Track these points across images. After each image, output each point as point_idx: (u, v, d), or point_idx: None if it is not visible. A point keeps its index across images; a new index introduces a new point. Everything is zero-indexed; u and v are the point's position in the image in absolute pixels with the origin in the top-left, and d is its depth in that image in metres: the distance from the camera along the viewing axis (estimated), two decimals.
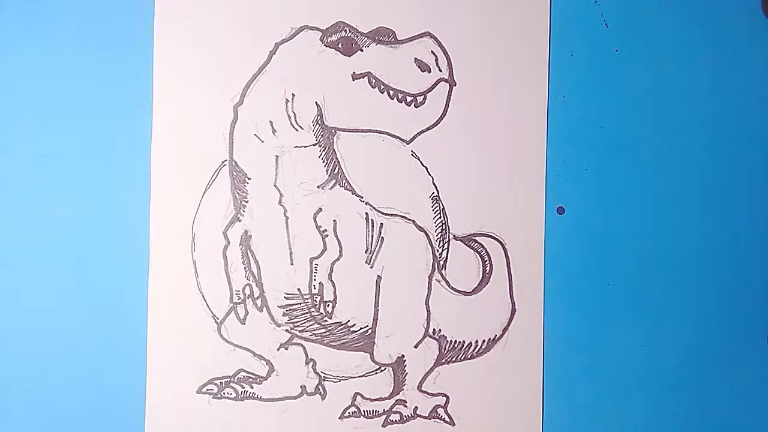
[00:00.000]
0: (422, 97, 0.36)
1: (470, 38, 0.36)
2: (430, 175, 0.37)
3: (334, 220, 0.36)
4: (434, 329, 0.37)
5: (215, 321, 0.36)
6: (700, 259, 0.37)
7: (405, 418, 0.37)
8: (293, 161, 0.36)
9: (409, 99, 0.36)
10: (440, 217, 0.37)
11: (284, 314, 0.37)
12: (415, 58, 0.36)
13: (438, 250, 0.37)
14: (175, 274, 0.36)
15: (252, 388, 0.37)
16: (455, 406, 0.37)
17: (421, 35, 0.36)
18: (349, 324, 0.37)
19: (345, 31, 0.36)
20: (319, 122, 0.36)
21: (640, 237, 0.37)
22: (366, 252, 0.36)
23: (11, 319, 0.36)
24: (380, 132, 0.36)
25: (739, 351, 0.37)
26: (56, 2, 0.36)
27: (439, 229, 0.37)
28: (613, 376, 0.37)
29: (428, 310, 0.37)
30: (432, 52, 0.36)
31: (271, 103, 0.36)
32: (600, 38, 0.36)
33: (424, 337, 0.37)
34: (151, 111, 0.36)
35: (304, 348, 0.37)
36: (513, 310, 0.37)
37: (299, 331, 0.37)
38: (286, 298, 0.36)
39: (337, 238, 0.36)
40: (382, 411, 0.37)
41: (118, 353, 0.36)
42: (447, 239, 0.37)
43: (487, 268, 0.37)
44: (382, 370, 0.37)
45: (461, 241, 0.37)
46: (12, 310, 0.36)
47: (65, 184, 0.36)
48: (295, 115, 0.36)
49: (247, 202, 0.36)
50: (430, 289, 0.37)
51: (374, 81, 0.36)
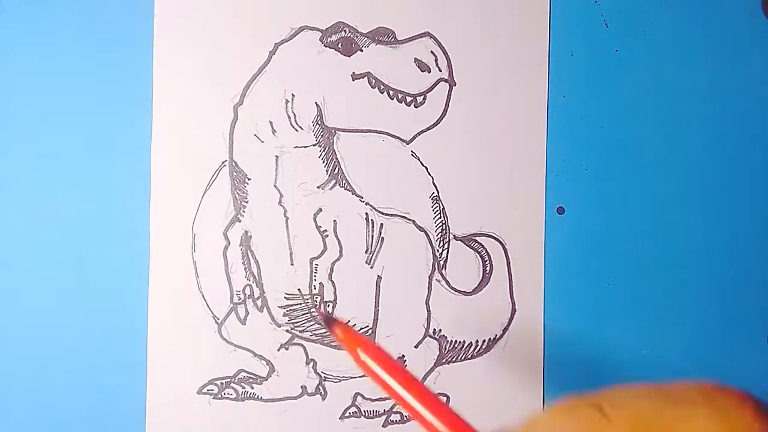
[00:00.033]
0: (422, 97, 0.36)
1: (470, 38, 0.36)
2: (430, 175, 0.37)
3: (334, 221, 0.36)
4: (434, 329, 0.37)
5: (215, 321, 0.36)
6: (700, 259, 0.37)
7: (406, 419, 0.37)
8: (293, 161, 0.36)
9: (409, 99, 0.36)
10: (440, 217, 0.37)
11: (285, 314, 0.37)
12: (415, 58, 0.36)
13: (438, 250, 0.37)
14: (175, 275, 0.36)
15: (252, 388, 0.37)
16: (455, 406, 0.37)
17: (420, 35, 0.36)
18: (350, 324, 0.37)
19: (345, 31, 0.36)
20: (319, 122, 0.36)
21: (640, 237, 0.37)
22: (366, 252, 0.36)
23: (11, 319, 0.36)
24: (380, 132, 0.36)
25: (739, 351, 0.37)
26: (56, 2, 0.36)
27: (439, 229, 0.37)
28: (613, 377, 0.37)
29: (428, 310, 0.37)
30: (432, 52, 0.36)
31: (271, 103, 0.36)
32: (600, 38, 0.36)
33: (424, 337, 0.37)
34: (151, 111, 0.36)
35: (305, 348, 0.37)
36: (513, 310, 0.37)
37: (300, 332, 0.37)
38: (287, 299, 0.36)
39: (338, 239, 0.36)
40: (383, 411, 0.37)
41: (118, 353, 0.36)
42: (447, 239, 0.37)
43: (487, 268, 0.37)
44: None
45: (461, 241, 0.37)
46: (12, 310, 0.36)
47: (65, 184, 0.36)
48: (295, 115, 0.36)
49: (247, 202, 0.36)
50: (430, 289, 0.37)
51: (374, 81, 0.36)
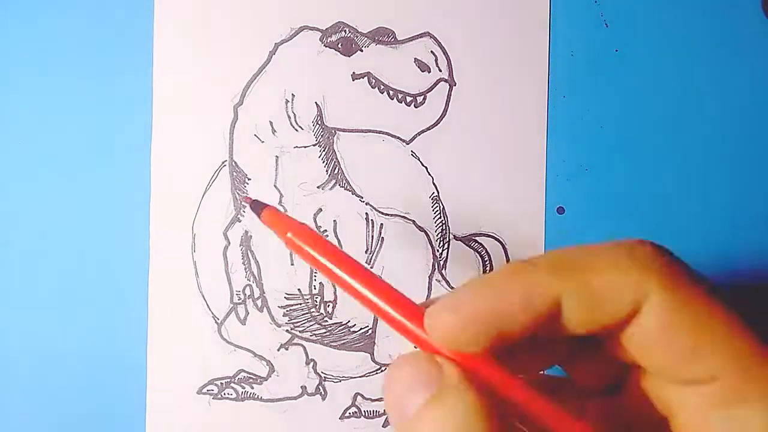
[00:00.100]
0: (422, 97, 0.36)
1: (470, 38, 0.36)
2: (430, 175, 0.37)
3: (335, 221, 0.36)
4: None
5: (215, 321, 0.36)
6: (700, 259, 0.37)
7: None
8: (293, 162, 0.36)
9: (408, 99, 0.36)
10: (440, 217, 0.37)
11: (285, 314, 0.37)
12: (415, 58, 0.36)
13: (438, 250, 0.37)
14: (175, 275, 0.36)
15: (252, 388, 0.37)
16: None
17: (420, 35, 0.36)
18: (350, 324, 0.37)
19: (345, 31, 0.36)
20: (319, 122, 0.36)
21: (639, 237, 0.37)
22: (366, 252, 0.36)
23: (12, 319, 0.36)
24: (380, 132, 0.36)
25: None
26: (56, 2, 0.36)
27: (439, 229, 0.37)
28: None
29: None
30: (432, 52, 0.36)
31: (270, 103, 0.36)
32: (600, 38, 0.36)
33: None
34: (151, 111, 0.36)
35: (305, 348, 0.37)
36: None
37: (300, 332, 0.37)
38: (287, 299, 0.36)
39: (338, 238, 0.36)
40: (383, 411, 0.37)
41: (118, 353, 0.36)
42: (447, 239, 0.37)
43: (487, 268, 0.37)
44: (382, 371, 0.37)
45: (461, 241, 0.37)
46: (12, 310, 0.36)
47: (65, 184, 0.36)
48: (294, 115, 0.36)
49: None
50: (430, 289, 0.37)
51: (374, 81, 0.36)
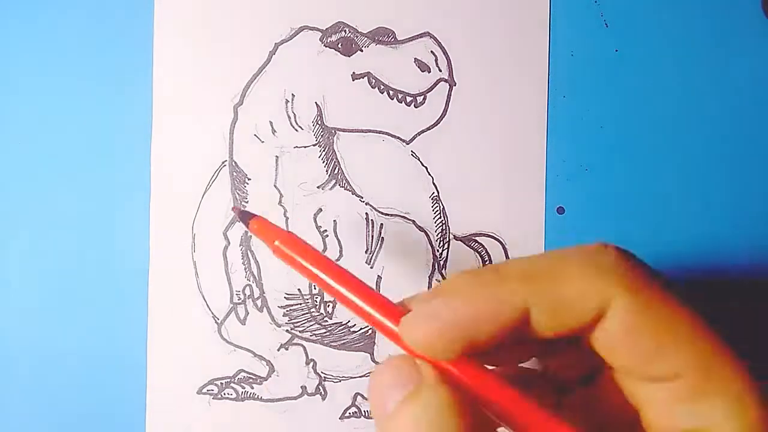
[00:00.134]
0: (422, 97, 0.36)
1: (470, 38, 0.36)
2: (430, 175, 0.37)
3: (335, 221, 0.36)
4: None
5: (215, 321, 0.36)
6: (700, 260, 0.37)
7: None
8: (293, 161, 0.36)
9: (408, 99, 0.36)
10: (440, 217, 0.37)
11: (284, 314, 0.37)
12: (415, 58, 0.36)
13: (438, 250, 0.37)
14: (175, 275, 0.36)
15: (252, 388, 0.37)
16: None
17: (420, 35, 0.36)
18: (350, 324, 0.37)
19: (345, 31, 0.36)
20: (319, 122, 0.36)
21: (640, 237, 0.37)
22: (366, 252, 0.36)
23: (11, 319, 0.36)
24: (380, 132, 0.36)
25: (739, 351, 0.37)
26: (56, 2, 0.36)
27: (439, 229, 0.37)
28: None
29: None
30: (432, 52, 0.36)
31: (270, 103, 0.36)
32: (600, 38, 0.36)
33: None
34: (151, 111, 0.36)
35: (305, 348, 0.37)
36: None
37: (299, 332, 0.37)
38: (287, 299, 0.36)
39: (338, 239, 0.36)
40: None
41: (118, 353, 0.36)
42: (447, 239, 0.37)
43: None
44: None
45: (461, 241, 0.37)
46: (12, 310, 0.36)
47: (65, 184, 0.36)
48: (294, 115, 0.36)
49: (247, 202, 0.36)
50: (430, 289, 0.37)
51: (374, 81, 0.36)
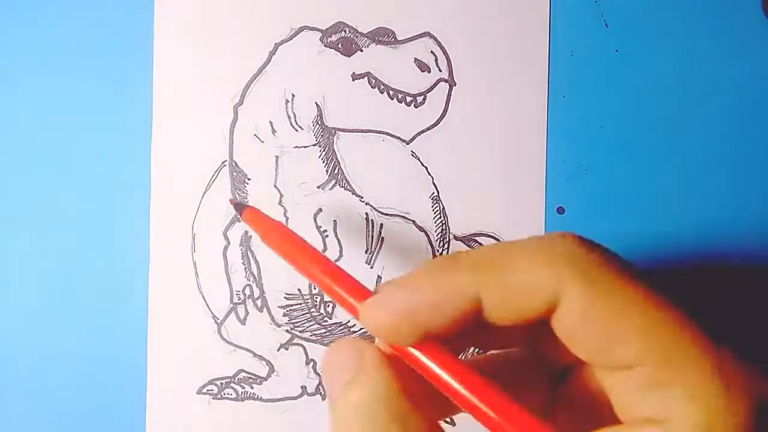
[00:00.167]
0: (422, 97, 0.36)
1: (470, 38, 0.36)
2: (430, 175, 0.37)
3: (335, 221, 0.36)
4: None
5: (215, 321, 0.36)
6: (700, 260, 0.37)
7: None
8: (293, 161, 0.36)
9: (408, 99, 0.36)
10: (440, 217, 0.37)
11: (284, 314, 0.37)
12: (415, 58, 0.36)
13: (438, 250, 0.37)
14: (175, 275, 0.36)
15: (252, 388, 0.37)
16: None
17: (420, 35, 0.36)
18: (350, 324, 0.37)
19: (345, 31, 0.36)
20: (319, 122, 0.36)
21: (640, 237, 0.37)
22: (366, 252, 0.36)
23: (11, 318, 0.36)
24: (380, 132, 0.36)
25: (740, 352, 0.37)
26: (56, 2, 0.36)
27: (439, 229, 0.37)
28: None
29: None
30: (432, 52, 0.36)
31: (271, 103, 0.36)
32: (600, 38, 0.36)
33: None
34: (151, 111, 0.36)
35: (305, 348, 0.37)
36: None
37: (299, 332, 0.37)
38: (287, 299, 0.36)
39: (338, 239, 0.36)
40: None
41: (118, 353, 0.36)
42: (447, 239, 0.37)
43: None
44: None
45: (461, 241, 0.37)
46: (12, 309, 0.36)
47: (65, 184, 0.36)
48: (294, 115, 0.36)
49: (247, 202, 0.36)
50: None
51: (374, 81, 0.36)
